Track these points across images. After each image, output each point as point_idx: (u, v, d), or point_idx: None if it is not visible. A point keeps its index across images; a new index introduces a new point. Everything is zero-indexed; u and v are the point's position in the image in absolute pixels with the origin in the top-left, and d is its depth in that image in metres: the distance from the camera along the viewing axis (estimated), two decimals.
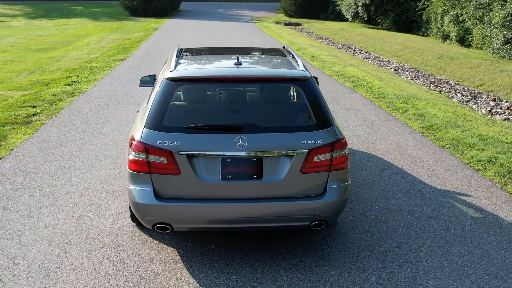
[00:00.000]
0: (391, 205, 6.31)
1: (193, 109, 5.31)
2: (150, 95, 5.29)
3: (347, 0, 34.26)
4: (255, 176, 4.73)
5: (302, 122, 4.95)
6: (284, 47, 6.69)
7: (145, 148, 4.68)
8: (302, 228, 4.98)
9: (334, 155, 4.81)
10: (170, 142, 4.66)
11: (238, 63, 5.31)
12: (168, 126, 4.76)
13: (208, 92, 5.62)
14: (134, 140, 4.77)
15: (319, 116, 4.92)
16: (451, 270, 4.93)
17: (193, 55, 6.22)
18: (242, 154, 4.68)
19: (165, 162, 4.67)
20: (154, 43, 22.55)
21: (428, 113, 10.65)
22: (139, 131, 4.81)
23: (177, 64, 5.43)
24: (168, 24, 33.70)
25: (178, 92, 5.26)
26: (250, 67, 5.44)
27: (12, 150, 8.12)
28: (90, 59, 17.72)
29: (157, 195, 4.75)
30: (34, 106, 10.87)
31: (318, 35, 30.63)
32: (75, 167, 7.40)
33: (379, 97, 12.19)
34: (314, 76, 7.45)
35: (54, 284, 4.63)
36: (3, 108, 10.66)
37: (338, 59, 19.09)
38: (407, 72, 17.83)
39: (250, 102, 5.53)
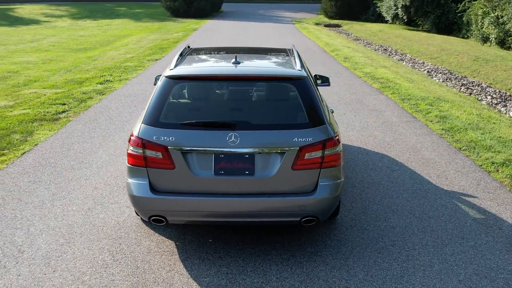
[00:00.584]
0: (393, 204, 6.34)
1: (189, 106, 5.48)
2: None
3: (387, 1, 34.02)
4: (247, 172, 4.86)
5: (295, 120, 5.04)
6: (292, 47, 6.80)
7: (142, 143, 4.88)
8: (293, 224, 5.07)
9: (325, 153, 4.89)
10: (165, 138, 4.84)
11: (237, 62, 5.46)
12: (164, 122, 4.94)
13: (204, 90, 5.77)
14: (133, 136, 4.97)
15: (312, 115, 5.01)
16: (440, 269, 4.95)
17: (197, 54, 6.39)
18: (234, 150, 4.82)
19: (161, 157, 4.85)
20: (190, 43, 22.76)
21: (451, 115, 10.56)
22: (137, 126, 5.02)
23: (178, 62, 5.63)
24: (207, 25, 34.14)
25: (176, 90, 5.44)
26: (246, 66, 5.57)
27: (36, 145, 8.46)
28: (126, 59, 18.18)
29: (153, 189, 4.93)
30: (64, 104, 11.28)
31: (356, 36, 30.52)
32: (92, 162, 7.68)
33: (404, 98, 12.13)
34: (324, 76, 7.55)
35: (53, 271, 4.87)
36: (35, 105, 11.09)
37: (371, 60, 19.00)
38: (440, 74, 17.63)
39: (244, 99, 5.66)
